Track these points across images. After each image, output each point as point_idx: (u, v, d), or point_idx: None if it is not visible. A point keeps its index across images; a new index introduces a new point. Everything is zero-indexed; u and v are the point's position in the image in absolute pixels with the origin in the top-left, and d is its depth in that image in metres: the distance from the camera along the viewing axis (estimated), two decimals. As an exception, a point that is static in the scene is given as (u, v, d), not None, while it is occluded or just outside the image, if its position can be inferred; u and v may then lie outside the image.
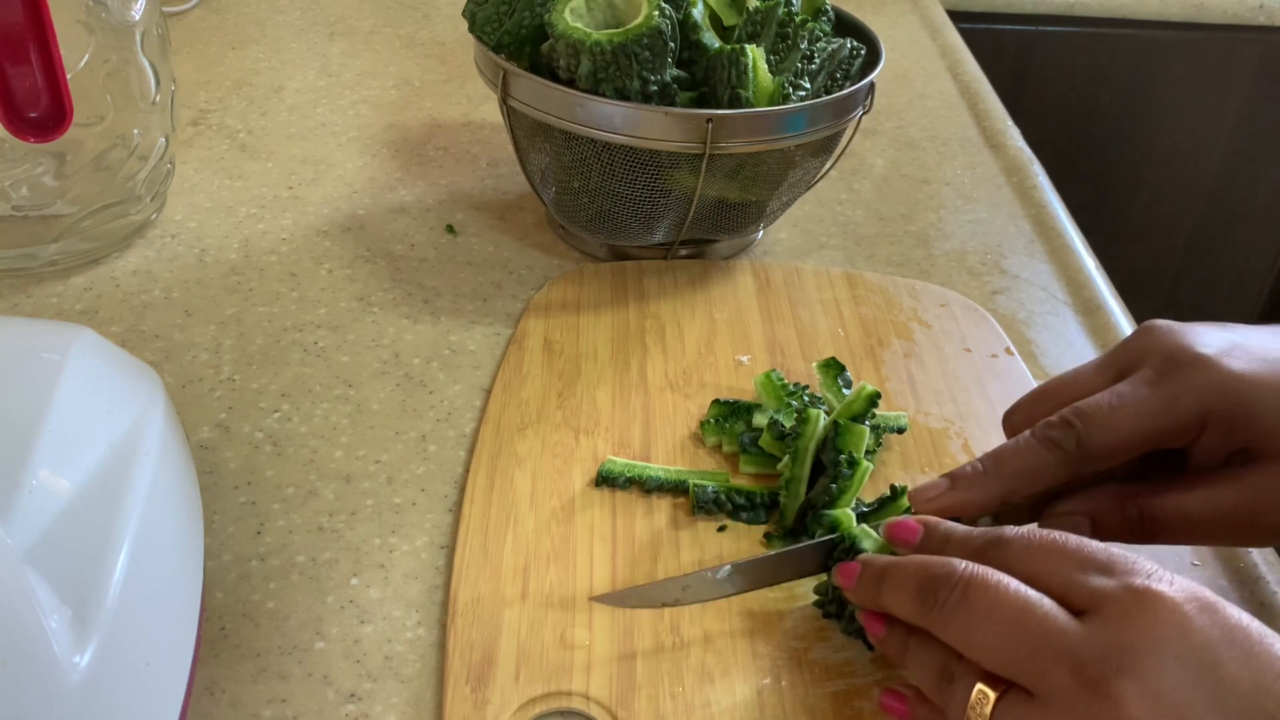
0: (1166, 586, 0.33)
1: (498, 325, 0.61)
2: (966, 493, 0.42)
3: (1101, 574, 0.34)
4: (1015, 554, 0.37)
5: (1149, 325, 0.43)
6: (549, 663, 0.42)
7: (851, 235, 0.72)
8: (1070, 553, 0.36)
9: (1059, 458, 0.41)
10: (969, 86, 0.94)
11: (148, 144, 0.63)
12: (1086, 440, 0.40)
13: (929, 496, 0.42)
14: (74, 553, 0.32)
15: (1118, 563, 0.35)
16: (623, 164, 0.58)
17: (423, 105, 0.84)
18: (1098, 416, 0.40)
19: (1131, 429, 0.40)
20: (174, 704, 0.36)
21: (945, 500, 0.42)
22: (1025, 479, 0.41)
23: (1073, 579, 0.35)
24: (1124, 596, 0.33)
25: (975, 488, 0.42)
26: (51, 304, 0.61)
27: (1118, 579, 0.34)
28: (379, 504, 0.50)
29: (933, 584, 0.36)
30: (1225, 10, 1.22)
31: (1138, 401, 0.40)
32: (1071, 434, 0.41)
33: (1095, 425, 0.40)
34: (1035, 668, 0.33)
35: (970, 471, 0.42)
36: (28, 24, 0.50)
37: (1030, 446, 0.41)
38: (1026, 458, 0.41)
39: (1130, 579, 0.34)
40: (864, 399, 0.51)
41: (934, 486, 0.43)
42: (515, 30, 0.59)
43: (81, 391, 0.37)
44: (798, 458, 0.49)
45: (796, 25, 0.61)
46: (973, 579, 0.36)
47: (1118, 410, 0.40)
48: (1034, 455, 0.41)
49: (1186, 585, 0.34)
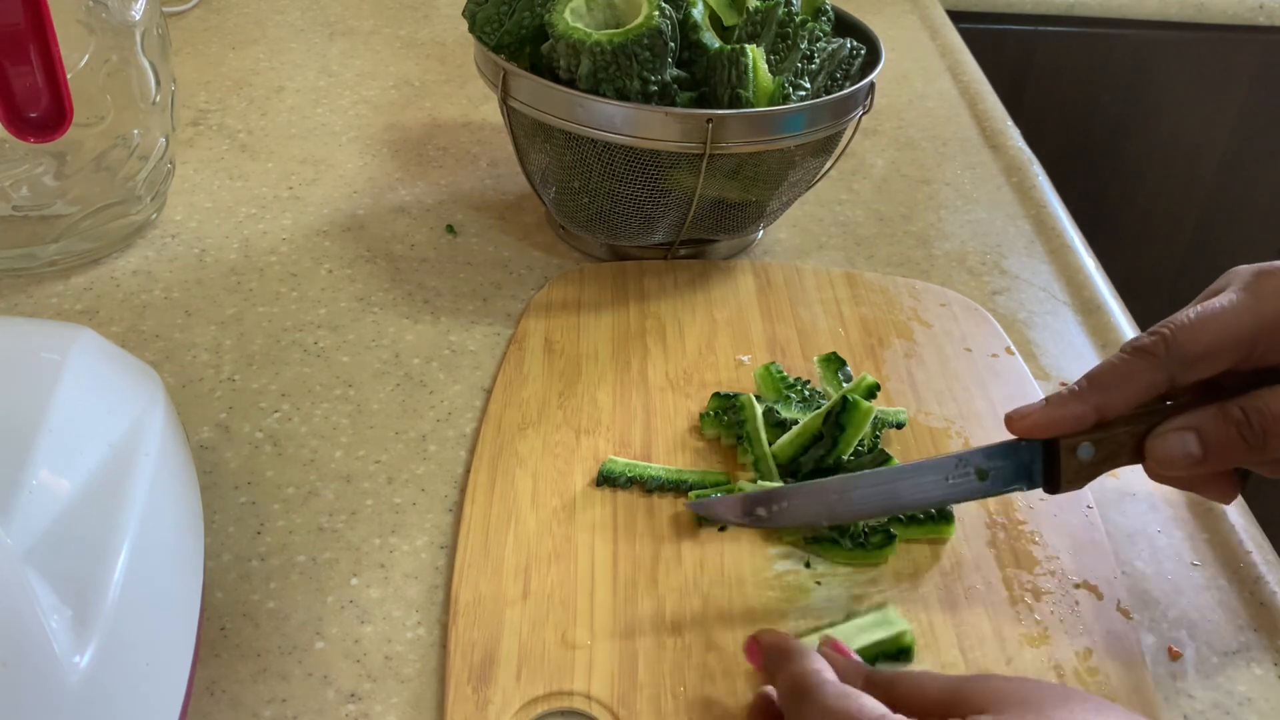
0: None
1: (498, 325, 0.61)
2: (1061, 408, 0.42)
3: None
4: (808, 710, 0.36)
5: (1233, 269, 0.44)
6: (550, 662, 0.42)
7: (851, 235, 0.72)
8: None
9: (1150, 363, 0.41)
10: (969, 86, 0.94)
11: (148, 144, 0.63)
12: (1175, 343, 0.41)
13: (1023, 414, 0.42)
14: (74, 553, 0.32)
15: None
16: (623, 164, 0.58)
17: (423, 105, 0.84)
18: (1184, 322, 0.41)
19: (1218, 328, 0.41)
20: (174, 704, 0.36)
21: (1039, 415, 0.42)
22: (1119, 387, 0.41)
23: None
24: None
25: (1069, 402, 0.42)
26: (51, 304, 0.61)
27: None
28: (379, 504, 0.50)
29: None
30: (1225, 10, 1.22)
31: (1224, 305, 0.41)
32: (1160, 340, 0.41)
33: (1182, 330, 0.41)
34: None
35: (1065, 390, 0.42)
36: (28, 24, 0.50)
37: (1120, 358, 0.42)
38: (1118, 367, 0.42)
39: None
40: (864, 389, 0.51)
41: (1028, 406, 0.43)
42: (515, 30, 0.59)
43: (81, 391, 0.37)
44: (752, 440, 0.50)
45: (796, 25, 0.61)
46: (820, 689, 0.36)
47: (1203, 314, 0.41)
48: (1125, 364, 0.41)
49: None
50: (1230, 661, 0.45)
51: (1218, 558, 0.50)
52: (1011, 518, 0.50)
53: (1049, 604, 0.46)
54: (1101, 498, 0.52)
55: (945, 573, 0.47)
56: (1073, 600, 0.46)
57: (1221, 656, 0.46)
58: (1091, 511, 0.51)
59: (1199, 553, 0.50)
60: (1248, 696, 0.44)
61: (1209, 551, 0.50)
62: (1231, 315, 0.41)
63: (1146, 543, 0.50)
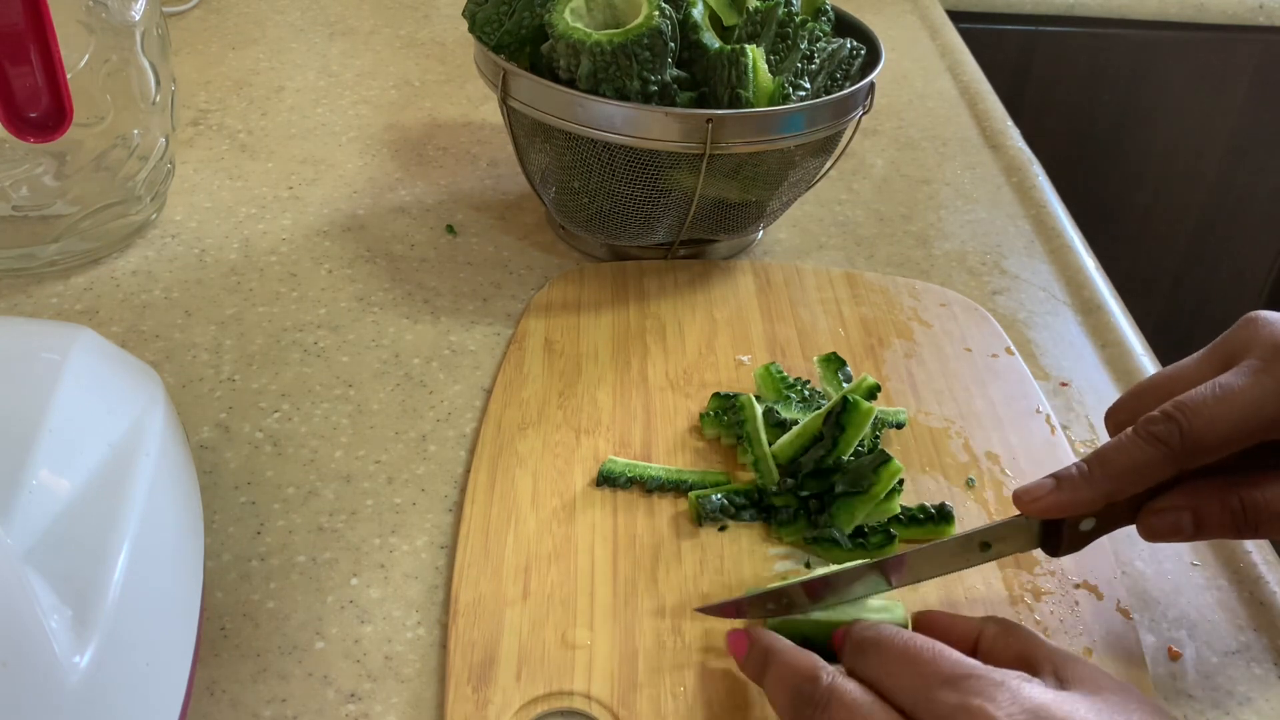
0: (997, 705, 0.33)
1: (498, 325, 0.61)
2: (1072, 493, 0.41)
3: (949, 688, 0.35)
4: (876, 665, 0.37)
5: (1252, 316, 0.42)
6: (550, 662, 0.42)
7: (851, 235, 0.72)
8: (923, 665, 0.36)
9: (1163, 453, 0.40)
10: (969, 86, 0.94)
11: (148, 144, 0.63)
12: (1190, 433, 0.39)
13: (1034, 497, 0.42)
14: (74, 553, 0.32)
15: (961, 679, 0.35)
16: (623, 164, 0.58)
17: (423, 105, 0.84)
18: (1201, 408, 0.39)
19: (1237, 419, 0.39)
20: (174, 704, 0.36)
21: (1049, 500, 0.41)
22: (1129, 477, 0.41)
23: (921, 696, 0.35)
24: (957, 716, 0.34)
25: (1080, 488, 0.41)
26: (51, 304, 0.61)
27: (959, 696, 0.34)
28: (379, 504, 0.50)
29: (799, 697, 0.37)
30: (1225, 10, 1.22)
31: (1243, 391, 0.39)
32: (1174, 427, 0.39)
33: (1198, 417, 0.39)
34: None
35: (1075, 473, 0.41)
36: (28, 24, 0.50)
37: (1133, 443, 0.40)
38: (1130, 454, 0.40)
39: (968, 698, 0.34)
40: (864, 390, 0.51)
41: (1039, 487, 0.42)
42: (515, 30, 0.59)
43: (81, 391, 0.37)
44: (752, 440, 0.50)
45: (796, 25, 0.61)
46: (833, 697, 0.36)
47: (1222, 401, 0.39)
48: (1138, 451, 0.40)
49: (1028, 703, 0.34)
50: (1230, 661, 0.45)
51: (1218, 558, 0.50)
52: (1011, 518, 0.50)
53: (1049, 604, 0.46)
54: (1101, 498, 0.52)
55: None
56: (1073, 600, 0.46)
57: (1221, 656, 0.46)
58: (1091, 511, 0.51)
59: (1199, 553, 0.50)
60: (1248, 696, 0.44)
61: (1209, 551, 0.50)
62: (1251, 404, 0.39)
63: (1146, 543, 0.50)
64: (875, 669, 0.37)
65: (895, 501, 0.48)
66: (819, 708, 0.36)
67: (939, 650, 0.36)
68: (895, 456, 0.48)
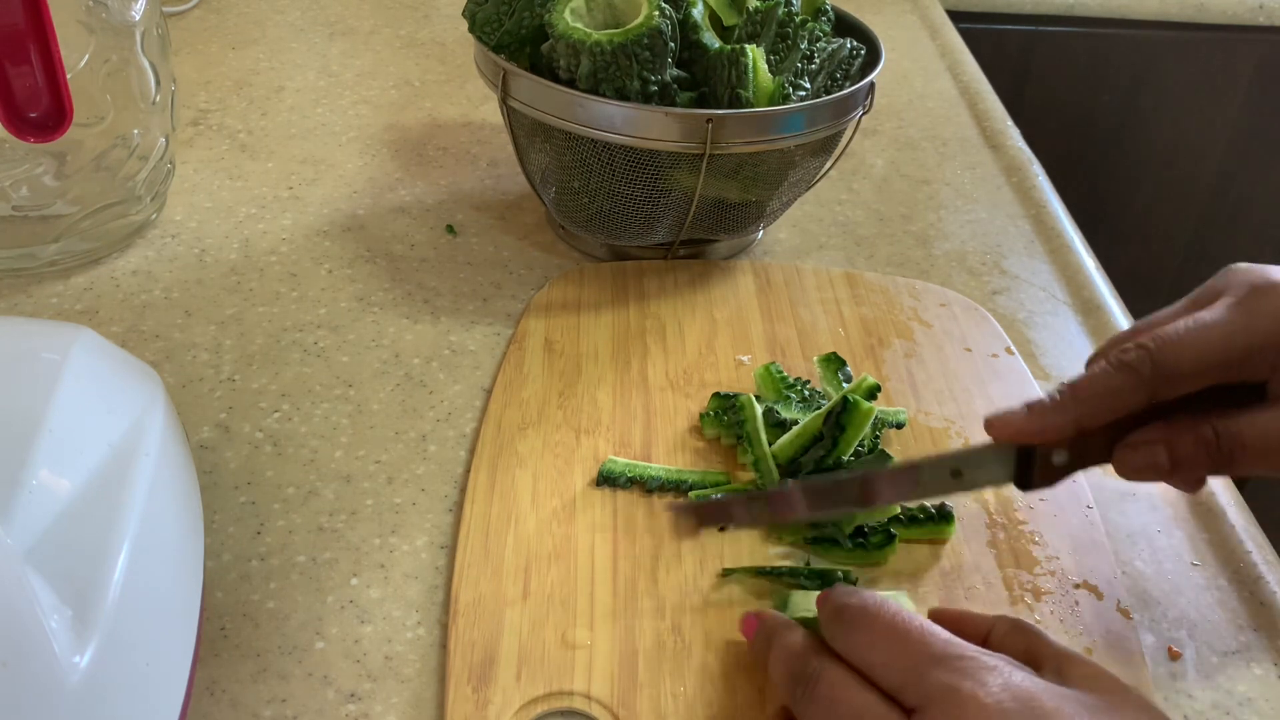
0: (985, 688, 0.34)
1: (498, 325, 0.61)
2: (1042, 418, 0.41)
3: (939, 668, 0.35)
4: (861, 638, 0.37)
5: (1230, 267, 0.43)
6: (550, 662, 0.42)
7: (851, 235, 0.72)
8: (911, 643, 0.36)
9: (1133, 380, 0.40)
10: (969, 86, 0.94)
11: (148, 144, 0.63)
12: (1160, 359, 0.40)
13: (1005, 421, 0.42)
14: (74, 553, 0.32)
15: (952, 659, 0.35)
16: (623, 164, 0.58)
17: (423, 105, 0.84)
18: (1171, 337, 0.40)
19: (1206, 349, 0.40)
20: (174, 704, 0.36)
21: (1020, 424, 0.41)
22: (1100, 402, 0.41)
23: (909, 674, 0.35)
24: (945, 696, 0.34)
25: (1051, 413, 0.41)
26: (51, 304, 0.61)
27: (946, 676, 0.34)
28: (379, 504, 0.50)
29: (792, 677, 0.38)
30: (1225, 10, 1.22)
31: (1215, 323, 0.40)
32: (1145, 354, 0.40)
33: (1169, 345, 0.40)
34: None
35: (1046, 399, 0.42)
36: (28, 24, 0.50)
37: (1104, 371, 0.41)
38: (1102, 381, 0.41)
39: (955, 679, 0.34)
40: (864, 390, 0.51)
41: (1010, 412, 0.42)
42: (515, 30, 0.59)
43: (81, 391, 0.37)
44: (752, 441, 0.50)
45: (796, 25, 0.61)
46: (822, 678, 0.37)
47: (1193, 331, 0.40)
48: (1109, 378, 0.41)
49: (1018, 690, 0.34)
50: (1230, 661, 0.45)
51: (1218, 558, 0.50)
52: (1011, 518, 0.50)
53: (1049, 604, 0.46)
54: (1101, 498, 0.52)
55: (945, 573, 0.47)
56: (1073, 600, 0.46)
57: (1221, 656, 0.46)
58: (1091, 511, 0.51)
59: (1199, 553, 0.50)
60: (1248, 696, 0.44)
61: (1209, 551, 0.50)
62: (1222, 335, 0.40)
63: (1146, 543, 0.50)
64: (860, 642, 0.37)
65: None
66: (807, 685, 0.37)
67: (927, 628, 0.36)
68: (895, 456, 0.48)
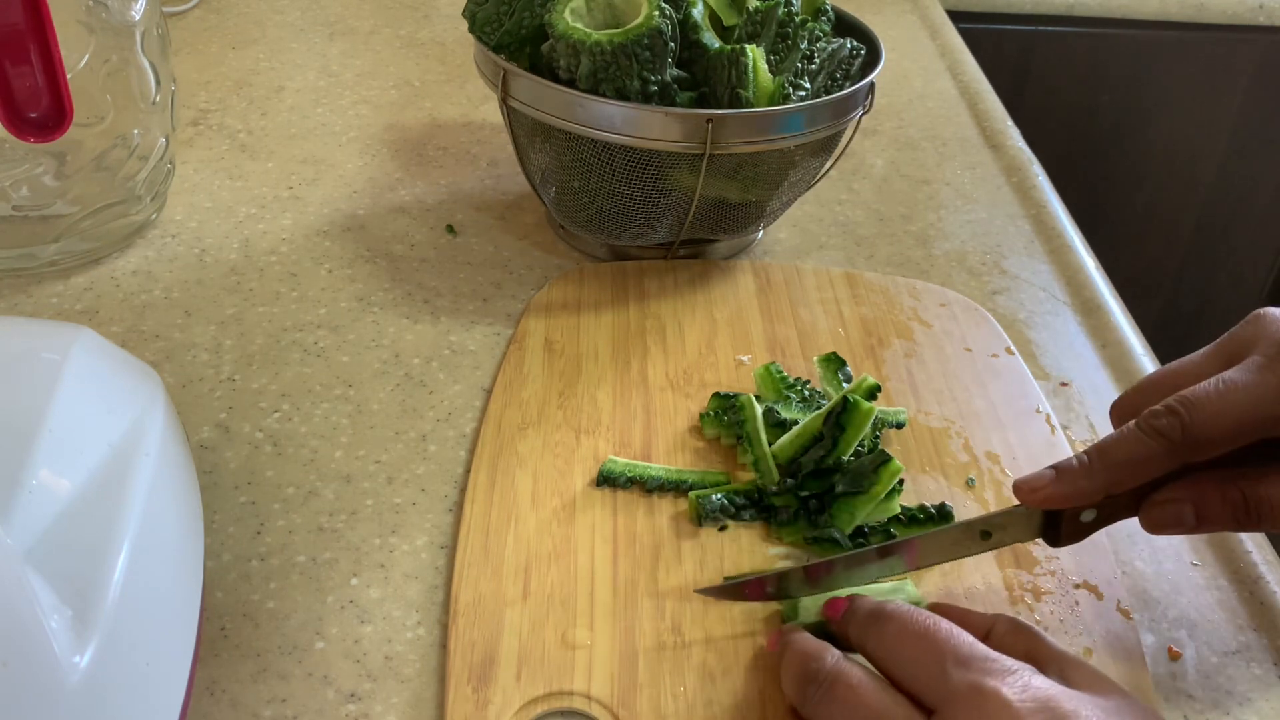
0: (1010, 689, 0.34)
1: (498, 325, 0.61)
2: (1072, 485, 0.41)
3: (963, 667, 0.35)
4: (889, 637, 0.37)
5: (1259, 313, 0.42)
6: (550, 662, 0.42)
7: (851, 235, 0.72)
8: (939, 643, 0.36)
9: (1164, 446, 0.40)
10: (969, 86, 0.94)
11: (148, 144, 0.63)
12: (1191, 427, 0.39)
13: (1034, 487, 0.42)
14: (74, 553, 0.32)
15: (976, 659, 0.35)
16: (623, 164, 0.58)
17: (423, 105, 0.84)
18: (1203, 403, 0.39)
19: (1239, 415, 0.39)
20: (174, 704, 0.36)
21: (1049, 491, 0.41)
22: (1129, 469, 0.41)
23: (933, 673, 0.35)
24: (968, 696, 0.34)
25: (1080, 479, 0.41)
26: (51, 304, 0.61)
27: (971, 676, 0.35)
28: (379, 504, 0.50)
29: (805, 678, 0.38)
30: (1225, 10, 1.22)
31: (1246, 387, 0.39)
32: (1176, 421, 0.39)
33: (1201, 411, 0.39)
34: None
35: (1075, 464, 0.41)
36: (28, 24, 0.50)
37: (1135, 436, 0.40)
38: (1132, 447, 0.40)
39: (979, 678, 0.34)
40: (864, 390, 0.51)
41: (1039, 478, 0.42)
42: (515, 30, 0.59)
43: (81, 391, 0.37)
44: (752, 441, 0.50)
45: (796, 25, 0.61)
46: (838, 678, 0.37)
47: (1225, 396, 0.39)
48: (1139, 444, 0.40)
49: (1039, 692, 0.34)
50: (1230, 661, 0.45)
51: (1218, 558, 0.50)
52: (1011, 518, 0.50)
53: (1049, 604, 0.46)
54: (1101, 498, 0.52)
55: (945, 573, 0.47)
56: (1073, 600, 0.46)
57: (1221, 656, 0.46)
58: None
59: (1199, 553, 0.50)
60: (1248, 696, 0.44)
61: (1209, 551, 0.50)
62: (1253, 399, 0.39)
63: (1146, 542, 0.50)
64: (887, 642, 0.37)
65: (895, 501, 0.48)
66: (823, 686, 0.37)
67: (954, 630, 0.37)
68: (895, 456, 0.48)
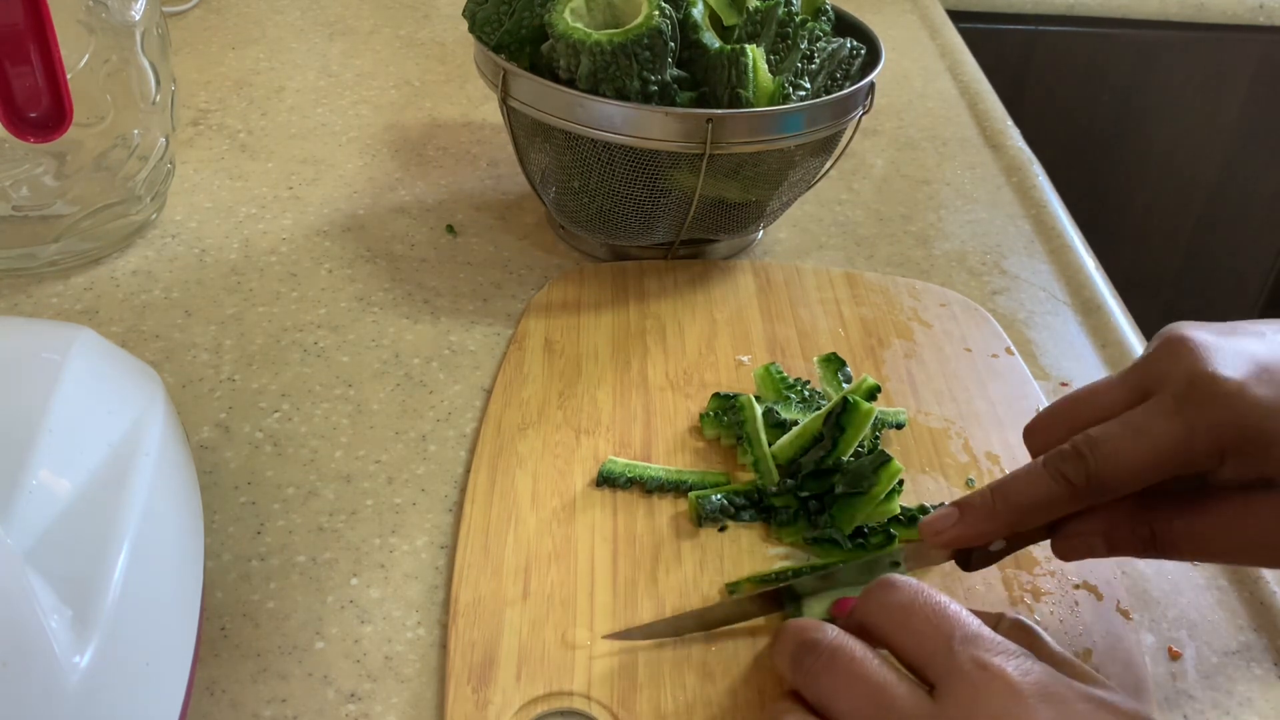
0: (1014, 670, 0.34)
1: (498, 325, 0.61)
2: (975, 527, 0.41)
3: (970, 645, 0.35)
4: (899, 608, 0.37)
5: (1173, 340, 0.40)
6: (550, 662, 0.42)
7: (851, 235, 0.72)
8: (947, 620, 0.36)
9: (1067, 491, 0.40)
10: (969, 86, 0.94)
11: (148, 144, 0.63)
12: (1097, 474, 0.39)
13: (938, 529, 0.42)
14: (74, 553, 0.32)
15: (984, 639, 0.35)
16: (623, 164, 0.58)
17: (423, 105, 0.84)
18: (1108, 449, 0.39)
19: (1144, 462, 0.39)
20: (174, 704, 0.36)
21: (953, 533, 0.42)
22: (1033, 511, 0.41)
23: (938, 646, 0.35)
24: (972, 673, 0.34)
25: (983, 521, 0.41)
26: (51, 304, 0.61)
27: (980, 653, 0.35)
28: (379, 504, 0.50)
29: (801, 649, 0.38)
30: (1225, 10, 1.22)
31: (1152, 434, 0.38)
32: (1081, 466, 0.39)
33: (1106, 458, 0.39)
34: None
35: (979, 503, 0.41)
36: (28, 24, 0.50)
37: (1040, 478, 0.40)
38: (1035, 489, 0.40)
39: (985, 656, 0.35)
40: (864, 391, 0.51)
41: (944, 518, 0.42)
42: (515, 30, 0.59)
43: (81, 391, 0.37)
44: (752, 441, 0.50)
45: (796, 25, 0.61)
46: (838, 649, 0.37)
47: (1131, 441, 0.39)
48: (1043, 487, 0.40)
49: (1041, 676, 0.34)
50: (1230, 661, 0.45)
51: (1218, 558, 0.50)
52: (1011, 518, 0.50)
53: (1049, 604, 0.46)
54: (1101, 498, 0.52)
55: (945, 573, 0.47)
56: (1072, 600, 0.46)
57: (1221, 656, 0.46)
58: (1091, 511, 0.51)
59: (1199, 553, 0.50)
60: (1248, 696, 0.44)
61: (1209, 551, 0.50)
62: (1161, 452, 0.38)
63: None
64: (897, 613, 0.37)
65: (895, 502, 0.48)
66: (822, 656, 0.37)
67: (964, 610, 0.37)
68: (895, 457, 0.48)
